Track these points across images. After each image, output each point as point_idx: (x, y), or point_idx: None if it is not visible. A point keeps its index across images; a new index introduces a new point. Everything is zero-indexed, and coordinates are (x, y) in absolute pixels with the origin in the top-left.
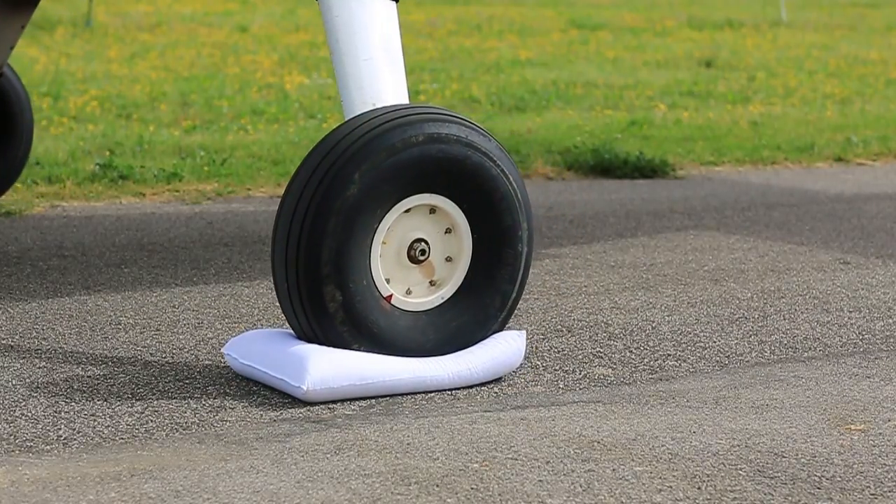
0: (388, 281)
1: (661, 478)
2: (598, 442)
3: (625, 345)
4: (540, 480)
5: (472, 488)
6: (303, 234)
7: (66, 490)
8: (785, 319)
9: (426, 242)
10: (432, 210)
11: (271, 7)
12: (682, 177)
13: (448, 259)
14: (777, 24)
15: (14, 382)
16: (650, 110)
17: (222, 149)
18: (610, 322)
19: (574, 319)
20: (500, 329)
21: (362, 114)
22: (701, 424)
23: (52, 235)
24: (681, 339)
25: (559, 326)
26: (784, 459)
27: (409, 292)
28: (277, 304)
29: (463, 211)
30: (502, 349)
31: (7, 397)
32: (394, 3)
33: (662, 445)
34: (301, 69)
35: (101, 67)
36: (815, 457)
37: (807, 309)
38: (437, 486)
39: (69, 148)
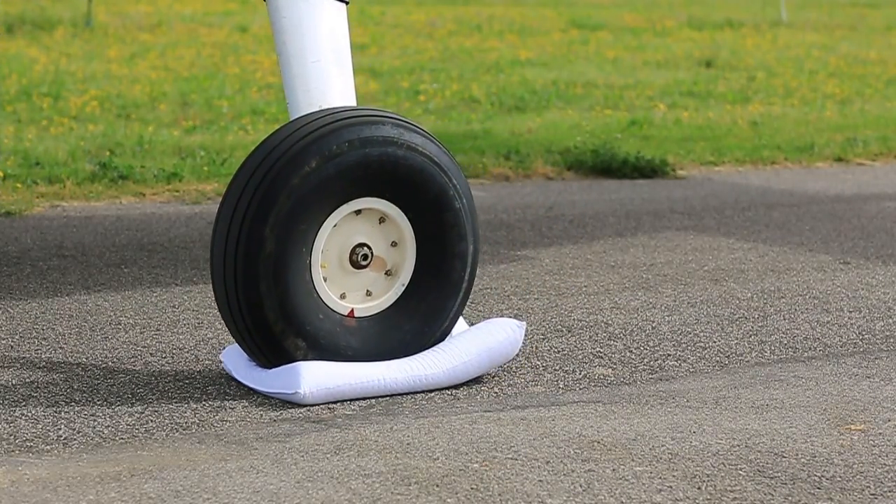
0: (343, 296)
1: (661, 478)
2: (598, 442)
3: (625, 345)
4: (540, 480)
5: (472, 488)
6: (238, 280)
7: (66, 490)
8: (785, 319)
9: (368, 246)
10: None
11: None
12: (682, 177)
13: (393, 244)
14: (777, 24)
15: (14, 382)
16: (650, 110)
17: (222, 149)
18: (610, 322)
19: (574, 319)
20: (465, 297)
21: (303, 116)
22: (701, 424)
23: (52, 235)
24: (681, 339)
25: (559, 326)
26: (784, 459)
27: (368, 294)
28: None
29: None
30: (497, 338)
31: (7, 397)
32: (343, 4)
33: (662, 445)
34: None
35: (101, 67)
36: (815, 457)
37: (807, 309)
38: (437, 486)
39: (69, 148)
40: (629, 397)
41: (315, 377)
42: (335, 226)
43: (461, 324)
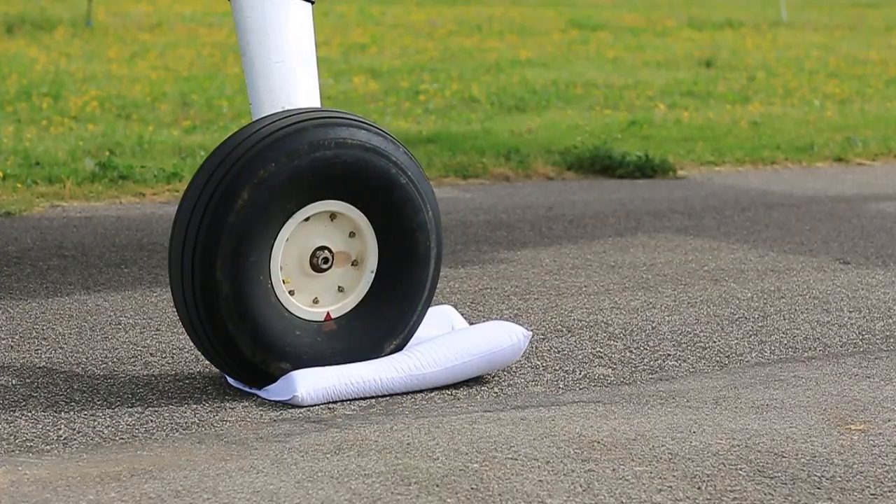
0: (315, 301)
1: (661, 478)
2: (598, 442)
3: (625, 345)
4: (540, 480)
5: (472, 488)
6: (204, 325)
7: (66, 490)
8: (785, 319)
9: (326, 248)
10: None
11: None
12: (682, 177)
13: (351, 234)
14: (777, 24)
15: (14, 382)
16: (650, 110)
17: None
18: (610, 322)
19: (574, 319)
20: (437, 267)
21: (264, 117)
22: (701, 424)
23: (52, 235)
24: (681, 339)
25: (559, 326)
26: (784, 459)
27: (340, 290)
28: None
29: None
30: (502, 344)
31: (7, 397)
32: (309, 4)
33: (662, 445)
34: None
35: (101, 67)
36: (815, 457)
37: (807, 309)
38: (437, 486)
39: (69, 148)
40: (629, 397)
41: (311, 380)
42: (287, 240)
43: (461, 322)
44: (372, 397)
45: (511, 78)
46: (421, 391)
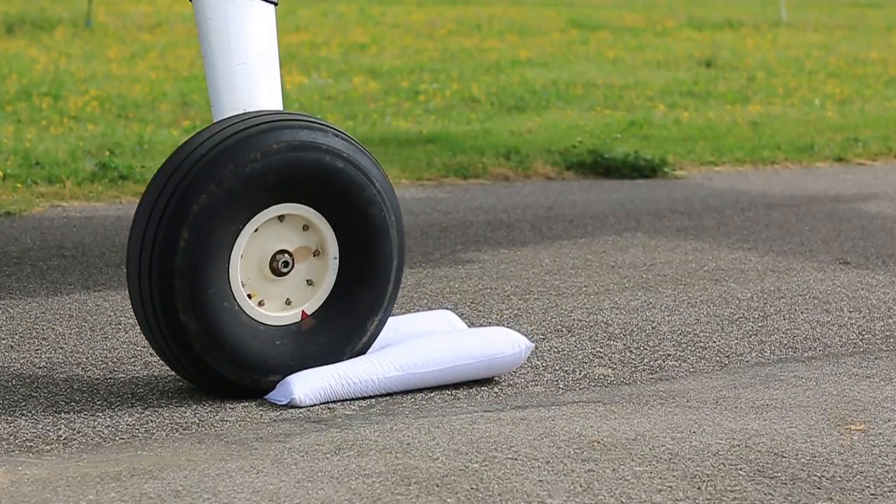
0: (288, 303)
1: (661, 478)
2: (598, 442)
3: (625, 345)
4: (540, 480)
5: (472, 488)
6: (182, 360)
7: (66, 490)
8: (785, 319)
9: (283, 251)
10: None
11: None
12: (682, 177)
13: (305, 227)
14: (777, 24)
15: (14, 382)
16: (650, 110)
17: None
18: (610, 322)
19: (574, 319)
20: (400, 236)
21: (222, 119)
22: (701, 424)
23: (52, 235)
24: (681, 339)
25: (559, 326)
26: (784, 459)
27: (310, 283)
28: None
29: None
30: (503, 352)
31: (7, 397)
32: (272, 5)
33: (662, 445)
34: (301, 69)
35: (101, 67)
36: (815, 457)
37: (807, 309)
38: (437, 486)
39: (69, 148)
40: (629, 397)
41: (308, 382)
42: (243, 256)
43: (459, 323)
44: (371, 397)
45: (511, 78)
46: (420, 391)
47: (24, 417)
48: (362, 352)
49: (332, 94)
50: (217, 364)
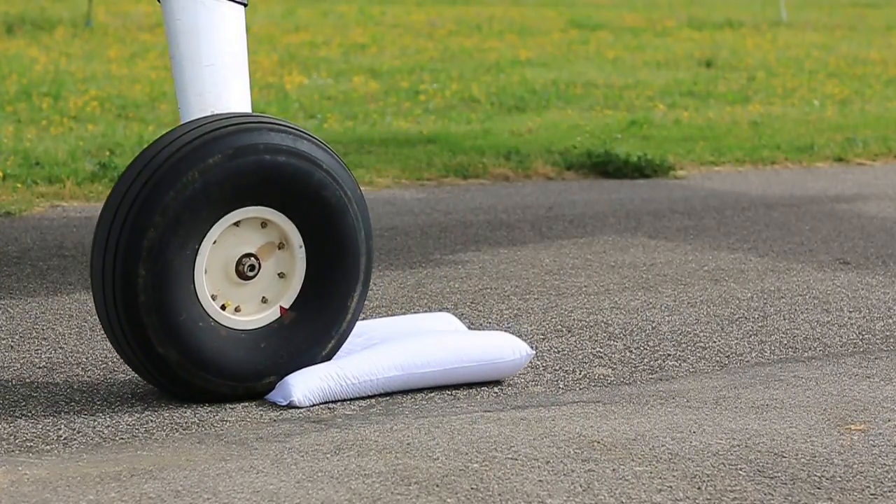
0: (265, 301)
1: (661, 478)
2: (598, 442)
3: (625, 345)
4: (540, 480)
5: (472, 488)
6: (169, 379)
7: (66, 490)
8: (785, 319)
9: (247, 254)
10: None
11: (271, 7)
12: (682, 177)
13: (263, 224)
14: (777, 24)
15: (14, 382)
16: (650, 110)
17: None
18: (610, 322)
19: (574, 319)
20: (362, 210)
21: (189, 122)
22: (701, 424)
23: (52, 235)
24: (681, 339)
25: (559, 326)
26: (784, 459)
27: (282, 276)
28: None
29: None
30: (504, 357)
31: (7, 397)
32: (241, 6)
33: (662, 445)
34: (301, 69)
35: (101, 67)
36: (815, 457)
37: (807, 309)
38: (437, 486)
39: (69, 148)
40: (629, 397)
41: (307, 384)
42: (206, 271)
43: (459, 326)
44: (371, 396)
45: (511, 78)
46: (420, 391)
47: (24, 417)
48: (348, 331)
49: (332, 94)
50: (206, 383)
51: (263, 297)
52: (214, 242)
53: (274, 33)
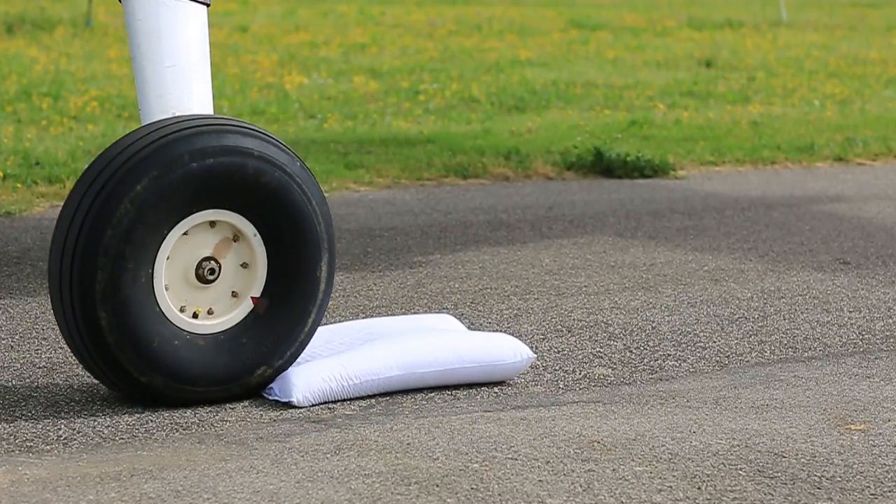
0: (235, 295)
1: (661, 478)
2: (598, 442)
3: (625, 345)
4: (540, 480)
5: (472, 488)
6: (140, 394)
7: (66, 490)
8: (785, 319)
9: (206, 258)
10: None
11: (271, 7)
12: (682, 177)
13: (212, 224)
14: (777, 24)
15: (14, 382)
16: (650, 110)
17: None
18: (610, 322)
19: (574, 319)
20: (311, 185)
21: (150, 123)
22: (701, 424)
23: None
24: (681, 339)
25: (559, 326)
26: (784, 459)
27: (244, 266)
28: None
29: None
30: (505, 360)
31: (7, 397)
32: (204, 6)
33: (662, 445)
34: (301, 69)
35: (101, 67)
36: (815, 457)
37: (807, 309)
38: (437, 486)
39: (69, 148)
40: (629, 397)
41: (308, 383)
42: (167, 288)
43: (459, 327)
44: (371, 396)
45: (511, 78)
46: (420, 391)
47: (24, 417)
48: (325, 302)
49: (332, 94)
50: (199, 395)
51: (233, 292)
52: (168, 258)
53: (274, 33)
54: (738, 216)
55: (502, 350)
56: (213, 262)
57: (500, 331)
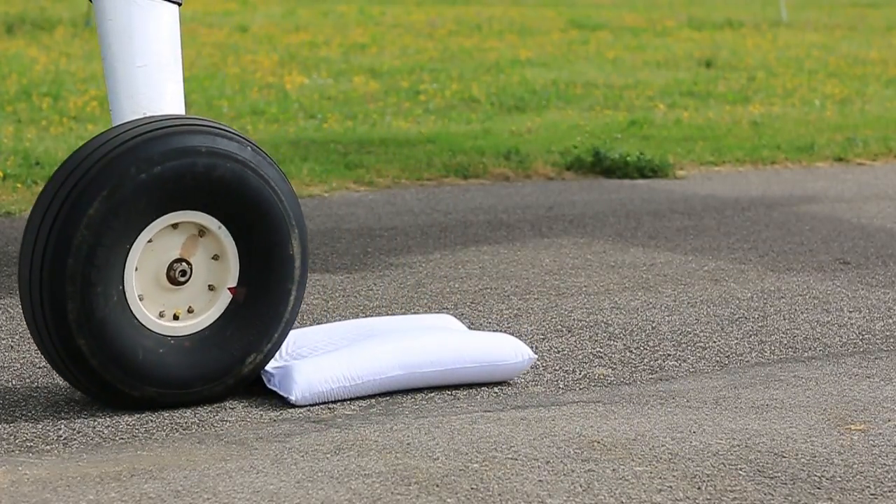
0: (211, 288)
1: (661, 478)
2: (598, 442)
3: (625, 345)
4: (540, 480)
5: (472, 488)
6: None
7: (66, 490)
8: (785, 319)
9: (178, 259)
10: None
11: (271, 7)
12: (682, 177)
13: (174, 226)
14: (777, 24)
15: (14, 382)
16: (650, 110)
17: None
18: (610, 322)
19: (574, 319)
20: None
21: (120, 124)
22: (701, 424)
23: None
24: (681, 339)
25: (559, 326)
26: (784, 459)
27: (216, 258)
28: None
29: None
30: (506, 361)
31: (7, 397)
32: (176, 6)
33: (662, 445)
34: (301, 69)
35: (101, 67)
36: (815, 457)
37: (807, 309)
38: (437, 486)
39: (69, 148)
40: (629, 397)
41: (308, 382)
42: (142, 297)
43: (460, 328)
44: (371, 396)
45: (511, 78)
46: (420, 391)
47: (24, 417)
48: (303, 278)
49: (332, 94)
50: (195, 395)
51: (209, 286)
52: (137, 269)
53: (274, 33)
54: (738, 216)
55: (503, 350)
56: (183, 262)
57: (500, 331)
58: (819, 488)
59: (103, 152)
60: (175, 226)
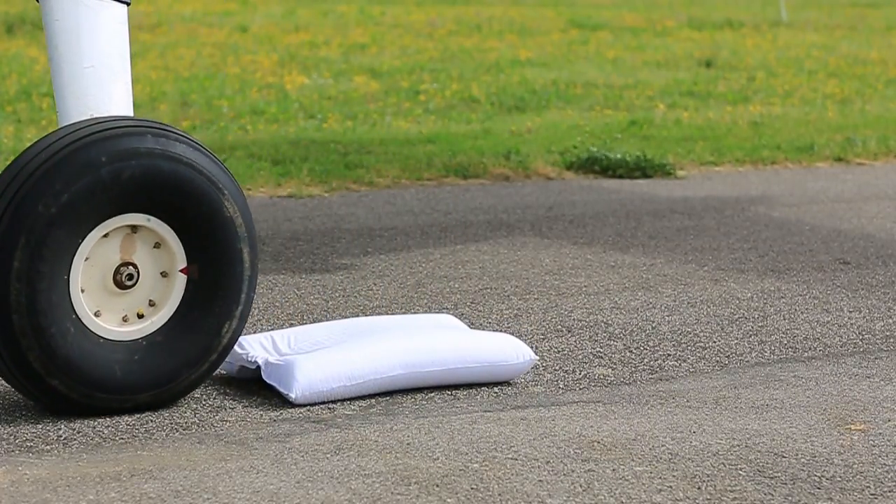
0: (165, 275)
1: (661, 478)
2: (598, 442)
3: (625, 345)
4: (540, 480)
5: (472, 488)
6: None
7: (66, 490)
8: (785, 319)
9: (127, 264)
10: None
11: (271, 7)
12: (682, 177)
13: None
14: (777, 24)
15: None
16: (650, 110)
17: (222, 149)
18: (610, 322)
19: (574, 319)
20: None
21: (67, 125)
22: (701, 424)
23: None
24: (681, 339)
25: (559, 326)
26: (784, 459)
27: (158, 245)
28: (276, 303)
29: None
30: (508, 361)
31: (7, 397)
32: (124, 6)
33: (662, 445)
34: (301, 69)
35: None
36: (815, 457)
37: (807, 309)
38: (437, 486)
39: None
40: (629, 397)
41: (308, 381)
42: (98, 314)
43: (459, 325)
44: (371, 396)
45: (511, 78)
46: (420, 391)
47: (24, 417)
48: (251, 233)
49: (332, 94)
50: (187, 382)
51: (162, 272)
52: (83, 291)
53: (274, 33)
54: (738, 216)
55: (505, 350)
56: (128, 266)
57: (501, 331)
58: (819, 488)
59: (36, 164)
60: (106, 235)
